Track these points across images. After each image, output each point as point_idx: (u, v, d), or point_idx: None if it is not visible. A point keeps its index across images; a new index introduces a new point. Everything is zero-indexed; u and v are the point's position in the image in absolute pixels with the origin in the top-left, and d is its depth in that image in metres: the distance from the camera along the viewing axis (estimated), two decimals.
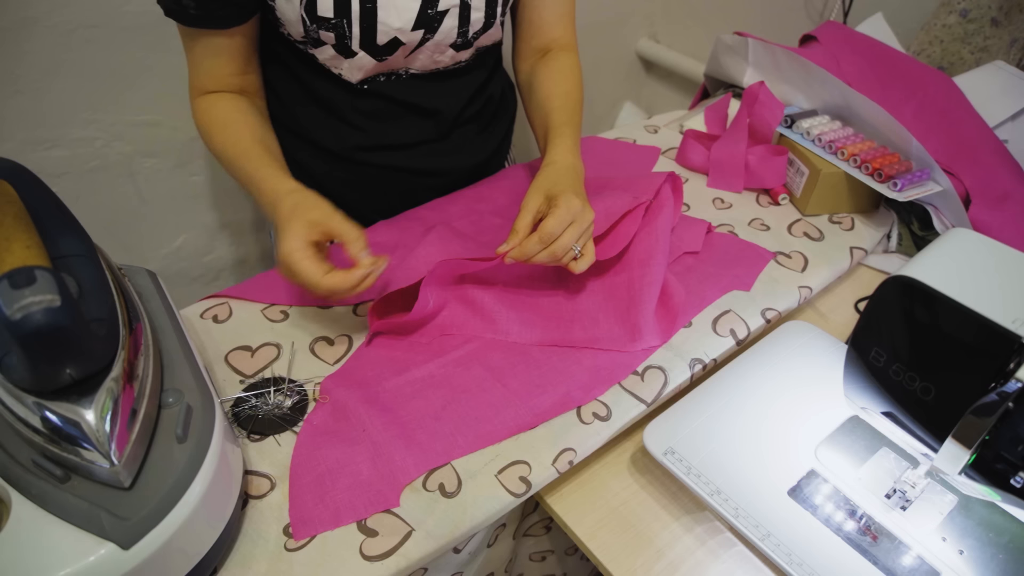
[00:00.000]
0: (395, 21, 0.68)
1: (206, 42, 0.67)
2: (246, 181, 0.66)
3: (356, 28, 0.67)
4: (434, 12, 0.69)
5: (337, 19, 0.66)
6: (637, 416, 0.60)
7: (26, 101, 0.94)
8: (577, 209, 0.61)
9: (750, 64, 0.98)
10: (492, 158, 0.90)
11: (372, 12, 0.66)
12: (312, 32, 0.67)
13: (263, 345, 0.64)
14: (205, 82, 0.70)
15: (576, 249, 0.61)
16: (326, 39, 0.68)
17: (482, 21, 0.73)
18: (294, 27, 0.67)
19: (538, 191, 0.64)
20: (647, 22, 1.68)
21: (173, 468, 0.42)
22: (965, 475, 0.48)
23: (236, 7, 0.65)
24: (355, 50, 0.69)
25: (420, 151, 0.82)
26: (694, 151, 0.91)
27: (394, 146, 0.80)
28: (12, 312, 0.34)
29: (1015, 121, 0.91)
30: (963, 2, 1.02)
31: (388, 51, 0.70)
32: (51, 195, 0.49)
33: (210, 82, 0.70)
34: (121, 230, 1.14)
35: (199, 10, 0.64)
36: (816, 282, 0.74)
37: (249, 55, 0.71)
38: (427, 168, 0.83)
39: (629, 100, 1.82)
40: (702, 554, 0.55)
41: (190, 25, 0.65)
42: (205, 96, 0.70)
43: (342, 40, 0.68)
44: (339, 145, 0.79)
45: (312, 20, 0.66)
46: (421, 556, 0.49)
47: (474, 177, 0.88)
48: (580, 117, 0.77)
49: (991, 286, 0.46)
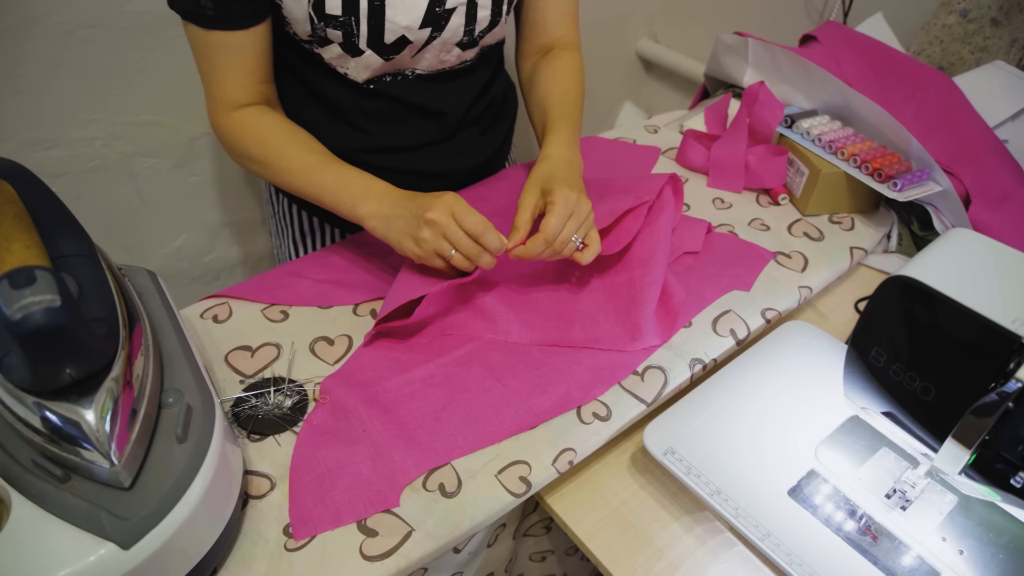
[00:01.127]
0: (403, 19, 0.67)
1: (228, 47, 0.65)
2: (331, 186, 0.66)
3: (364, 26, 0.67)
4: (441, 10, 0.69)
5: (345, 16, 0.66)
6: (637, 416, 0.60)
7: (26, 101, 0.94)
8: (573, 201, 0.62)
9: (750, 64, 0.98)
10: (494, 158, 0.90)
11: (380, 10, 0.66)
12: (319, 30, 0.67)
13: (263, 345, 0.64)
14: (233, 93, 0.67)
15: (577, 240, 0.62)
16: (333, 37, 0.68)
17: (488, 19, 0.73)
18: (301, 25, 0.67)
19: (533, 187, 0.65)
20: (647, 22, 1.68)
21: (173, 468, 0.42)
22: (965, 475, 0.48)
23: (252, 5, 0.64)
24: (362, 48, 0.69)
25: (424, 153, 0.82)
26: (694, 151, 0.91)
27: (398, 148, 0.80)
28: (12, 312, 0.34)
29: (1015, 121, 0.91)
30: (963, 2, 1.02)
31: (395, 50, 0.70)
32: (51, 195, 0.49)
33: (238, 93, 0.68)
34: (121, 230, 1.14)
35: (217, 11, 0.63)
36: (816, 282, 0.74)
37: (269, 60, 0.70)
38: (430, 170, 0.83)
39: (629, 100, 1.82)
40: (702, 554, 0.55)
41: (210, 27, 0.64)
42: (241, 110, 0.68)
43: (349, 38, 0.68)
44: (343, 147, 0.79)
45: (320, 18, 0.66)
46: (421, 556, 0.49)
47: (475, 178, 0.88)
48: (580, 113, 0.78)
49: (991, 286, 0.46)
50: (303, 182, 0.67)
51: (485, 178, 0.88)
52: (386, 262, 0.74)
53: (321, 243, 0.89)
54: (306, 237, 0.89)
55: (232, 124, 0.68)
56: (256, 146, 0.68)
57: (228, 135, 0.69)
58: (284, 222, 0.90)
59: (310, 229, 0.89)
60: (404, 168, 0.81)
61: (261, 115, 0.69)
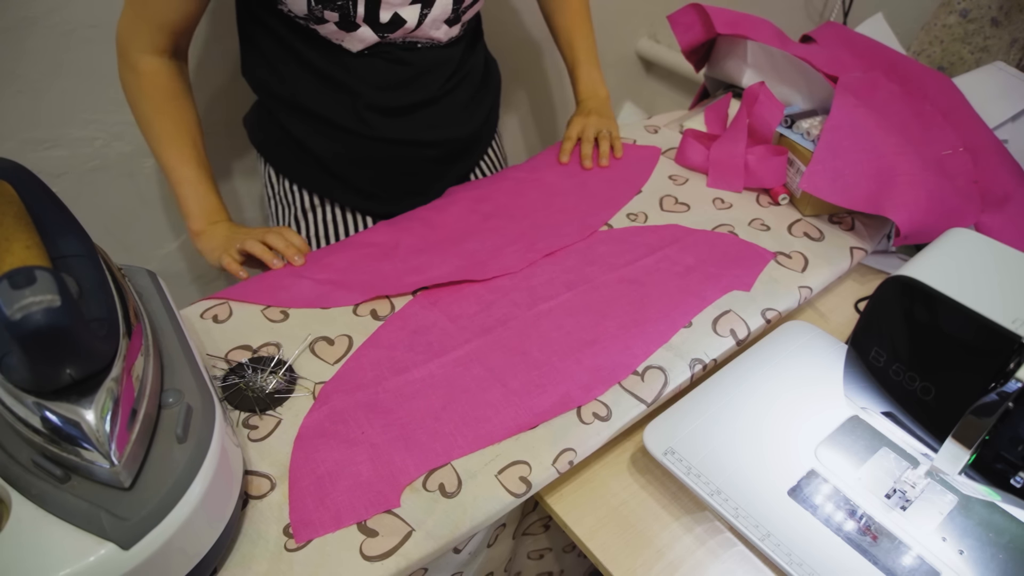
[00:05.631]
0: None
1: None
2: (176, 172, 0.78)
3: (361, 7, 0.70)
4: None
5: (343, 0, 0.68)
6: (637, 416, 0.60)
7: (26, 101, 0.94)
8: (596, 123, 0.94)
9: (749, 65, 0.98)
10: (483, 128, 0.94)
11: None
12: (316, 11, 0.69)
13: (263, 345, 0.64)
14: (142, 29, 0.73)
15: None
16: (329, 17, 0.70)
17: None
18: (297, 5, 0.69)
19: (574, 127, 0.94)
20: (647, 22, 1.68)
21: (173, 468, 0.42)
22: (965, 475, 0.48)
23: None
24: (358, 23, 0.72)
25: (416, 119, 0.84)
26: (694, 151, 0.91)
27: (391, 110, 0.82)
28: (12, 312, 0.34)
29: (1015, 122, 0.91)
30: (963, 2, 1.02)
31: (390, 29, 0.73)
32: (51, 195, 0.49)
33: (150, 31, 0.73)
34: (121, 230, 1.14)
35: None
36: (816, 282, 0.74)
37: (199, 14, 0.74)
38: (422, 139, 0.86)
39: (629, 100, 1.82)
40: (702, 554, 0.55)
41: None
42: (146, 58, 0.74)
43: (346, 17, 0.70)
44: (338, 113, 0.81)
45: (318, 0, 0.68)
46: (421, 556, 0.49)
47: (467, 149, 0.92)
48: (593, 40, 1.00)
49: (991, 286, 0.46)
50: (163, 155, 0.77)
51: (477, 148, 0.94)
52: (387, 263, 0.74)
53: (322, 219, 0.91)
54: (307, 214, 0.91)
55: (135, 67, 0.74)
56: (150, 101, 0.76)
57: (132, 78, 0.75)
58: (284, 202, 0.92)
59: (311, 206, 0.91)
60: (398, 138, 0.84)
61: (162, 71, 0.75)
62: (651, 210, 0.83)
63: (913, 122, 0.85)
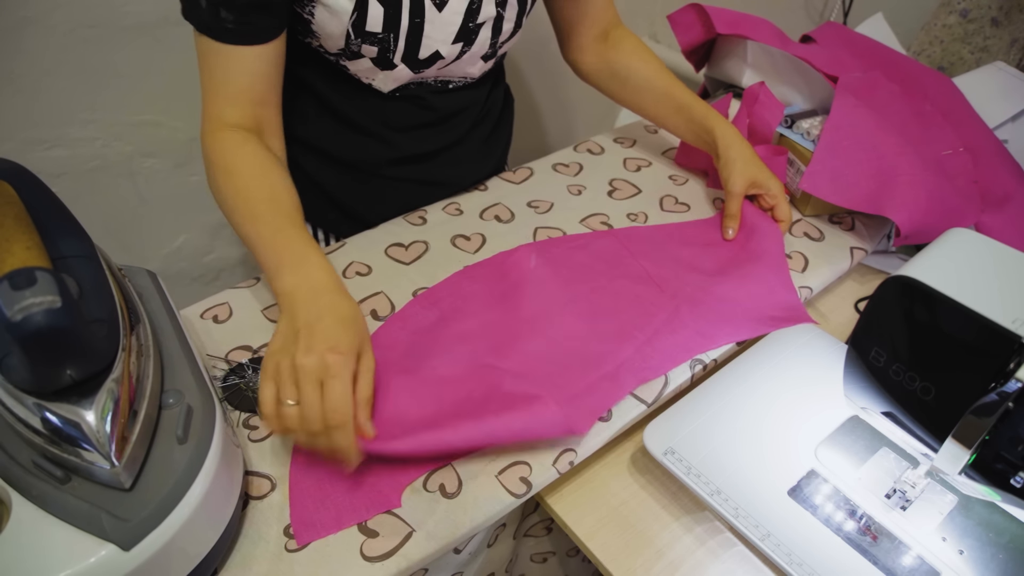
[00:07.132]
0: (439, 35, 0.68)
1: (236, 60, 0.61)
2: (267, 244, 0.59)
3: (402, 43, 0.67)
4: (473, 25, 0.69)
5: (384, 34, 0.66)
6: (637, 416, 0.60)
7: (26, 101, 0.94)
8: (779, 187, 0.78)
9: (749, 65, 0.98)
10: (495, 167, 0.92)
11: (419, 27, 0.66)
12: (354, 46, 0.66)
13: (263, 345, 0.64)
14: (224, 109, 0.63)
15: None
16: (367, 53, 0.67)
17: (511, 31, 0.74)
18: (332, 40, 0.66)
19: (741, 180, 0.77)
20: (647, 22, 1.68)
21: (174, 469, 0.42)
22: (965, 475, 0.48)
23: (274, 18, 0.61)
24: (395, 63, 0.69)
25: (437, 161, 0.82)
26: (694, 151, 0.91)
27: (414, 158, 0.80)
28: (12, 313, 0.34)
29: (1015, 122, 0.92)
30: (963, 2, 1.02)
31: (427, 64, 0.71)
32: (51, 195, 0.49)
33: (233, 110, 0.63)
34: (121, 230, 1.14)
35: (237, 24, 0.59)
36: (816, 282, 0.74)
37: (273, 81, 0.65)
38: (440, 179, 0.84)
39: None
40: (702, 554, 0.55)
41: (226, 41, 0.60)
42: (227, 132, 0.63)
43: (384, 54, 0.68)
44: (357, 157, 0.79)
45: (357, 34, 0.65)
46: (422, 557, 0.49)
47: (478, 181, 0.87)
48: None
49: (991, 286, 0.46)
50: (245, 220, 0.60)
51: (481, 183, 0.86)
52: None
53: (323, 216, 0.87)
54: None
55: (216, 142, 0.63)
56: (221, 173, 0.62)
57: (213, 154, 0.63)
58: None
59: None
60: (417, 178, 0.82)
61: (244, 143, 0.63)
62: (651, 210, 0.83)
63: (913, 122, 0.85)
